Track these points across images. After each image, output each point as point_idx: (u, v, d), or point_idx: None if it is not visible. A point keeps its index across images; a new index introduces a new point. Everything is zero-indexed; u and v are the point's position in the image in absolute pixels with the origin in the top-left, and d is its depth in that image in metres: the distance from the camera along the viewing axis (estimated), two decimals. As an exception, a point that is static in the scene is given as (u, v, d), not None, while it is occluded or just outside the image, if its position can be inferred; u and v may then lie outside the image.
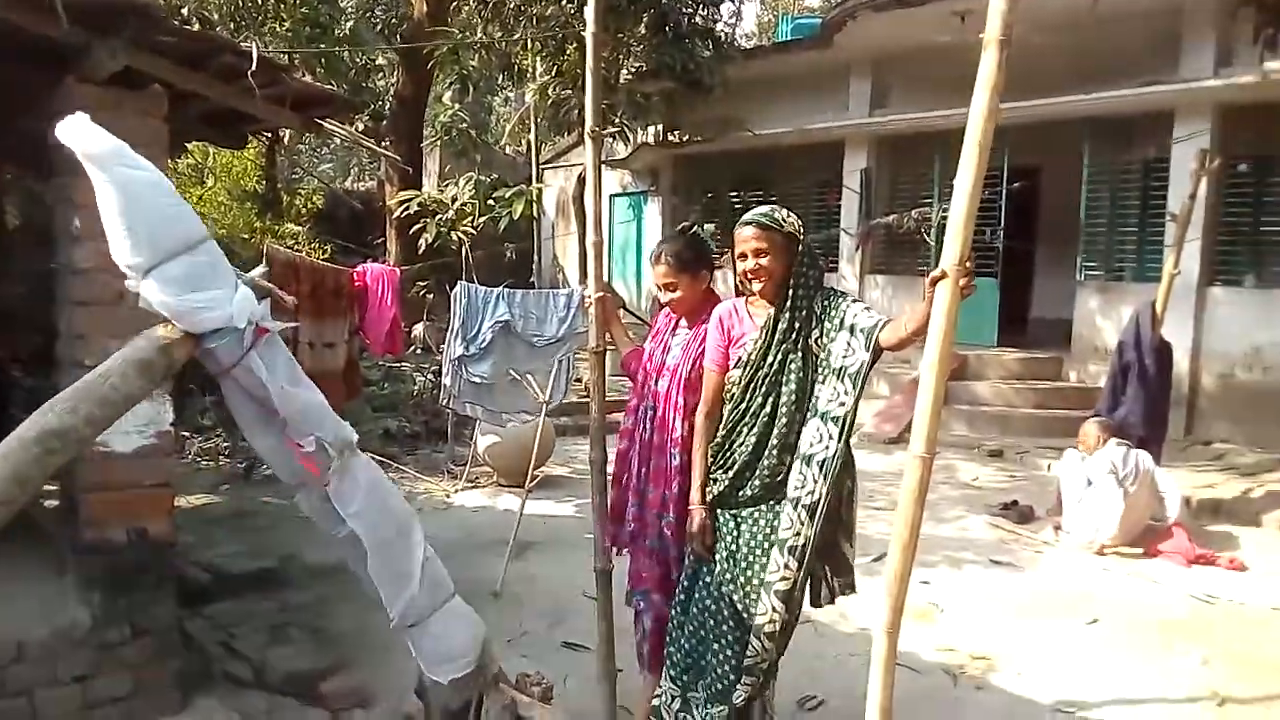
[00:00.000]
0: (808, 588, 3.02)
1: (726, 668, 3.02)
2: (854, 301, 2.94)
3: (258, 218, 11.81)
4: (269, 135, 5.30)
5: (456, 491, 7.48)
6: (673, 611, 3.23)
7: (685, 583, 3.18)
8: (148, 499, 3.38)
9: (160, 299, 2.12)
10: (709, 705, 3.08)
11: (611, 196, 16.09)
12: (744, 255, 2.96)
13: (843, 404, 2.82)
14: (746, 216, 2.98)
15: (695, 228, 3.52)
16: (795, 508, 2.86)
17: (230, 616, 4.47)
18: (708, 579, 3.07)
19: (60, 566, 3.72)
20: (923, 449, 2.20)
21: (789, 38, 14.59)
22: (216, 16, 10.67)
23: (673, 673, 3.19)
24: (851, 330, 2.84)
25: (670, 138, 13.56)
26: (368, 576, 2.48)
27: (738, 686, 3.00)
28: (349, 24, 13.09)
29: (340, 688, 3.81)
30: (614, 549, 3.57)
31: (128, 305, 3.36)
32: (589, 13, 3.33)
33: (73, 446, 2.07)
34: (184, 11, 10.06)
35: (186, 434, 8.25)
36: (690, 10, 11.13)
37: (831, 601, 3.12)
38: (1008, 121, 10.28)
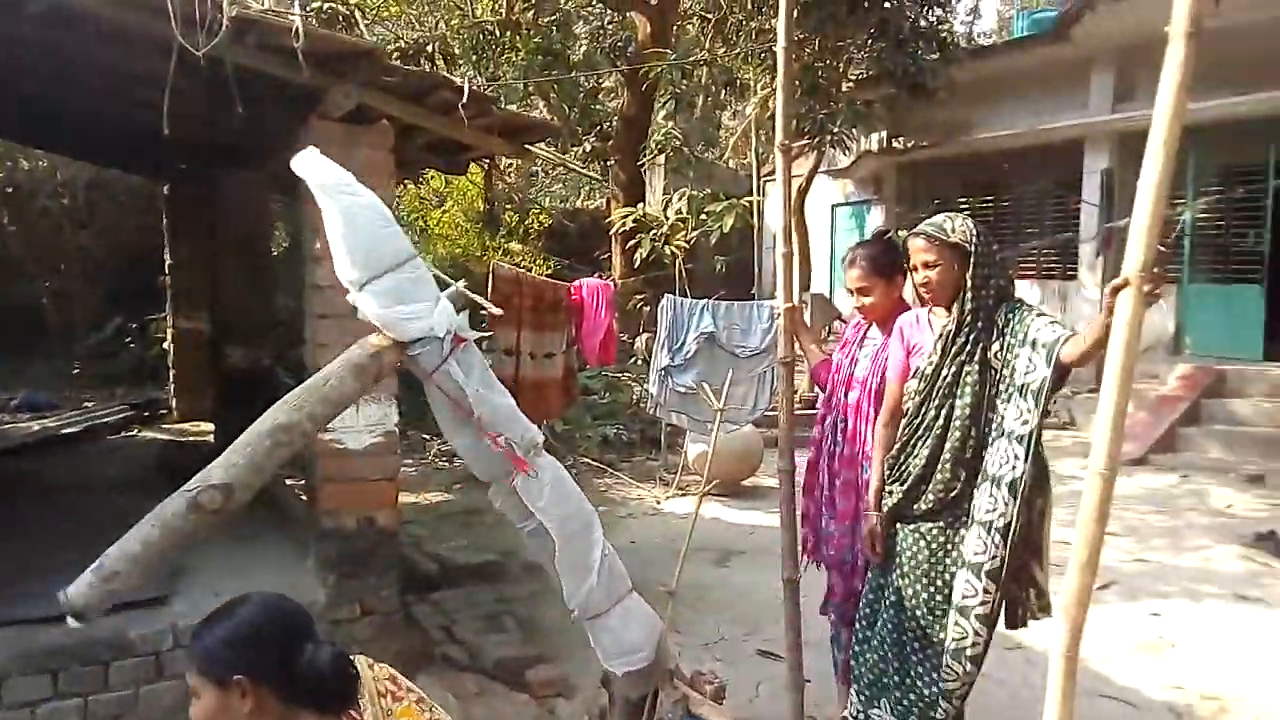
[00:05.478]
0: (1003, 610, 2.92)
1: (920, 687, 2.95)
2: (1039, 315, 2.80)
3: (488, 237, 12.67)
4: (486, 161, 5.70)
5: (667, 499, 7.67)
6: (857, 625, 3.21)
7: (869, 595, 3.15)
8: (376, 491, 3.75)
9: (372, 310, 2.38)
10: None
11: (833, 206, 15.86)
12: (915, 267, 2.93)
13: (1025, 422, 2.71)
14: (916, 228, 2.93)
15: (891, 233, 3.49)
16: (988, 531, 2.77)
17: (452, 604, 4.85)
18: (891, 596, 3.02)
19: (304, 551, 4.19)
20: (1103, 465, 2.08)
21: (1025, 33, 13.85)
22: (458, 51, 11.51)
23: (856, 686, 3.17)
24: (1033, 345, 2.72)
25: (894, 144, 13.25)
26: (553, 568, 2.65)
27: (940, 707, 2.93)
28: (582, 49, 13.74)
29: (545, 676, 4.05)
30: (804, 558, 3.59)
31: (359, 317, 3.80)
32: (780, 28, 3.37)
33: (299, 440, 2.36)
34: (429, 49, 10.94)
35: (426, 437, 8.94)
36: (913, 14, 10.85)
37: (1024, 624, 2.99)
38: (1274, 112, 9.31)
